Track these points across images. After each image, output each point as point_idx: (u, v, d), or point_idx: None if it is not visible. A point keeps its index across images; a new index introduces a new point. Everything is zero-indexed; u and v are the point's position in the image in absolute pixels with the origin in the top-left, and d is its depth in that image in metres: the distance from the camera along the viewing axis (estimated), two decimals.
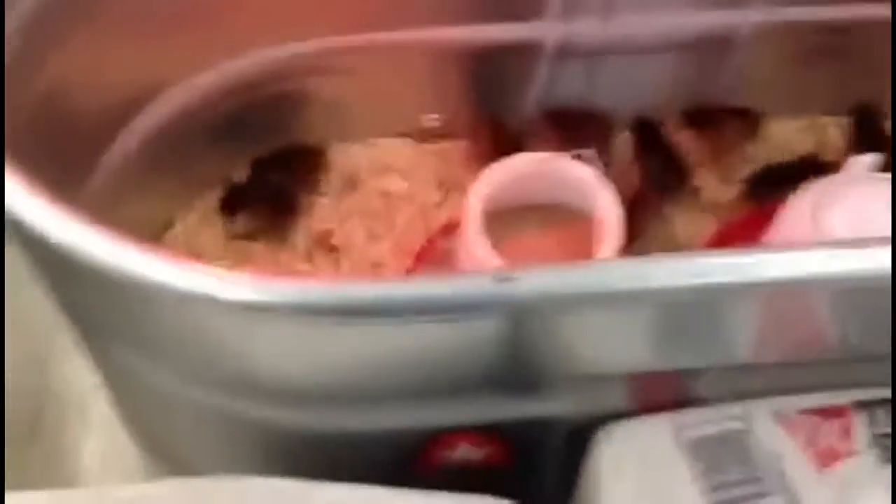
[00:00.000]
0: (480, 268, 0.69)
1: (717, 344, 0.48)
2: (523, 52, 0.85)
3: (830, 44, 0.87)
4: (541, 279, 0.41)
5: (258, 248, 0.87)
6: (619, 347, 0.48)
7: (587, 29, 0.83)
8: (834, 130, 0.95)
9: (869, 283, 0.44)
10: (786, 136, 0.94)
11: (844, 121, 0.94)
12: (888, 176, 0.68)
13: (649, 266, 0.43)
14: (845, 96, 0.93)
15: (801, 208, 0.70)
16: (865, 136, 0.90)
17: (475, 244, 0.69)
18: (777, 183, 0.83)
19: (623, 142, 0.89)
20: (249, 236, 0.87)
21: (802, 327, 0.48)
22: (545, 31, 0.83)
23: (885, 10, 0.83)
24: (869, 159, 0.68)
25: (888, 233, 0.66)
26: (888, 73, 0.87)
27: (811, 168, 0.85)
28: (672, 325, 0.45)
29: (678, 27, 0.84)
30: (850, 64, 0.89)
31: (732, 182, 0.90)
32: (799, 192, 0.72)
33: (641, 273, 0.42)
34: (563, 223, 0.75)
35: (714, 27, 0.84)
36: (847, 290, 0.45)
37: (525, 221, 0.76)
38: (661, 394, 0.53)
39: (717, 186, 0.90)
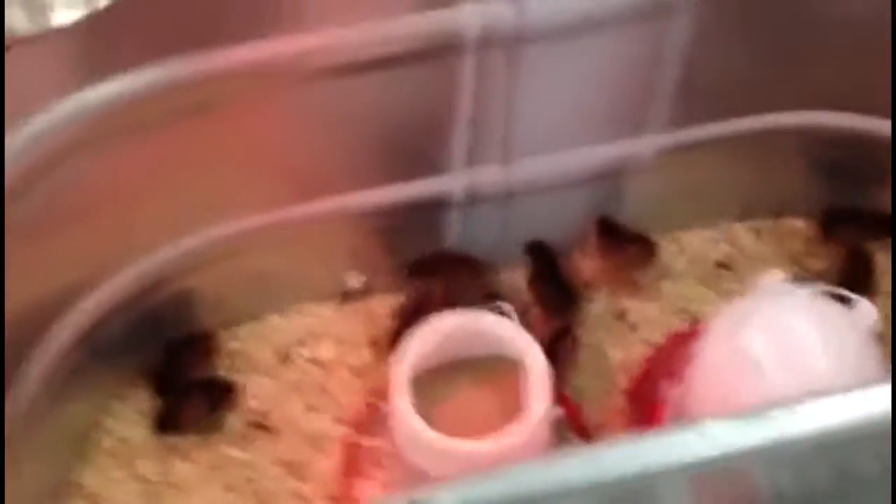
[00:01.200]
0: (411, 436, 0.68)
1: None
2: (434, 205, 0.86)
3: (734, 154, 0.89)
4: (457, 496, 0.40)
5: (191, 439, 0.85)
6: None
7: (490, 177, 0.84)
8: (746, 235, 0.97)
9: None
10: (701, 245, 0.96)
11: (755, 225, 0.96)
12: (804, 289, 0.69)
13: (560, 466, 0.42)
14: (753, 201, 0.96)
15: (720, 330, 0.70)
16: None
17: (404, 414, 0.68)
18: None
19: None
20: (181, 430, 0.84)
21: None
22: (452, 183, 0.84)
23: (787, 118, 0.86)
24: (777, 275, 0.69)
25: (810, 344, 0.67)
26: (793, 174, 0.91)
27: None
28: None
29: (578, 163, 0.86)
30: (754, 171, 0.92)
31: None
32: (720, 312, 0.72)
33: (552, 474, 0.41)
34: (493, 374, 0.75)
35: (613, 158, 0.87)
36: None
37: (457, 375, 0.75)
38: None
39: (641, 307, 0.91)
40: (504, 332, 0.72)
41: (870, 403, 0.42)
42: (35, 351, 0.75)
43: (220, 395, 0.83)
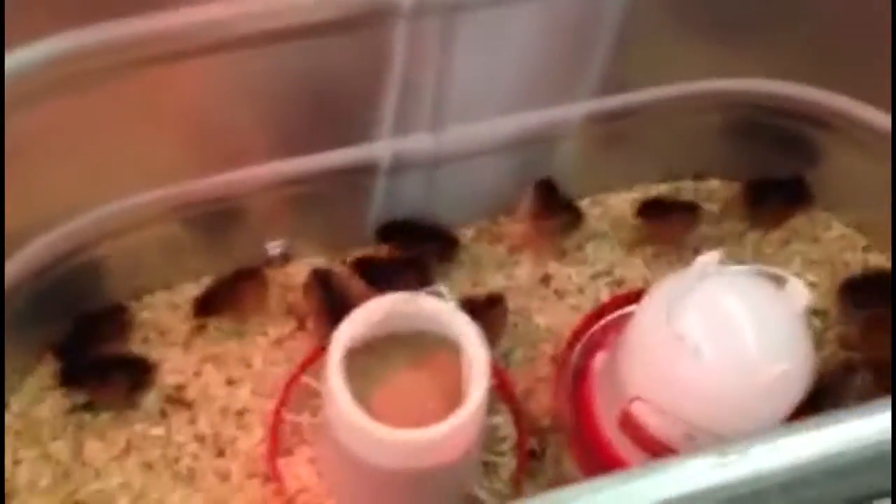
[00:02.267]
0: (346, 421, 0.66)
1: None
2: (361, 173, 0.83)
3: (659, 119, 0.89)
4: None
5: (103, 416, 0.81)
6: None
7: (419, 144, 0.82)
8: (667, 197, 0.97)
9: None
10: (624, 208, 0.96)
11: (676, 185, 0.97)
12: (736, 268, 0.70)
13: None
14: (674, 164, 0.96)
15: (654, 307, 0.70)
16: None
17: (339, 398, 0.66)
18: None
19: None
20: (92, 407, 0.80)
21: None
22: (380, 150, 0.81)
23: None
24: (715, 255, 0.70)
25: (742, 325, 0.68)
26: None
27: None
28: None
29: (507, 130, 0.84)
30: (676, 135, 0.92)
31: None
32: (651, 290, 0.73)
33: None
34: (429, 352, 0.74)
35: (542, 124, 0.85)
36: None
37: (393, 350, 0.74)
38: None
39: (566, 272, 0.91)
40: (442, 314, 0.70)
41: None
42: None
43: (139, 374, 0.79)
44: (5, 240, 0.72)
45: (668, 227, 0.91)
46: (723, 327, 0.68)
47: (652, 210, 0.91)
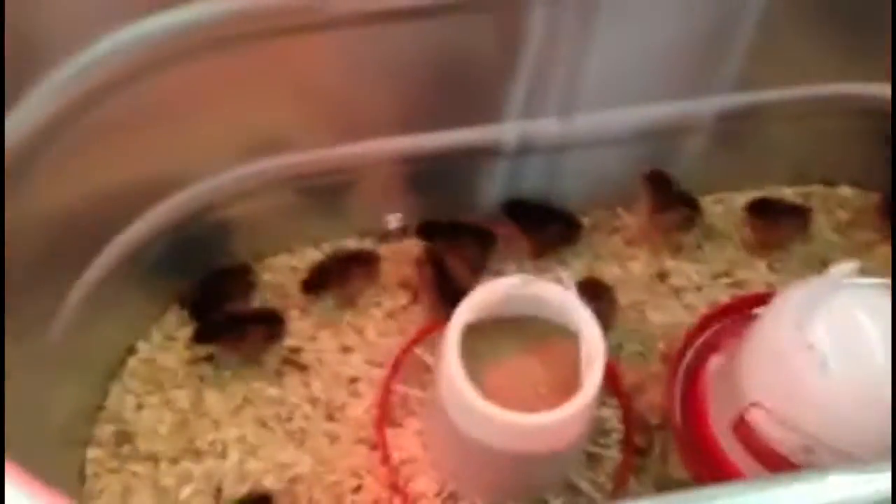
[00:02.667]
0: (459, 399, 0.67)
1: None
2: (485, 154, 0.83)
3: (793, 119, 0.87)
4: None
5: (224, 372, 0.84)
6: None
7: (546, 128, 0.82)
8: (795, 201, 0.95)
9: None
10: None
11: (804, 190, 0.95)
12: (870, 282, 0.68)
13: None
14: (805, 168, 0.94)
15: (784, 314, 0.69)
16: None
17: (454, 376, 0.67)
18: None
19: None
20: (213, 360, 0.83)
21: None
22: (505, 132, 0.81)
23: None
24: (850, 266, 0.68)
25: (873, 340, 0.66)
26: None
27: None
28: None
29: (637, 120, 0.83)
30: (810, 138, 0.89)
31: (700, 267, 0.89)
32: (781, 295, 0.71)
33: None
34: (544, 337, 0.74)
35: (673, 117, 0.84)
36: None
37: (508, 333, 0.74)
38: None
39: (683, 269, 0.90)
40: (561, 301, 0.70)
41: None
42: (77, 275, 0.73)
43: (274, 326, 0.81)
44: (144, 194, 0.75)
45: (775, 229, 0.87)
46: (853, 341, 0.66)
47: (761, 211, 0.88)
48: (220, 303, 0.83)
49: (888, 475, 0.40)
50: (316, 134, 0.78)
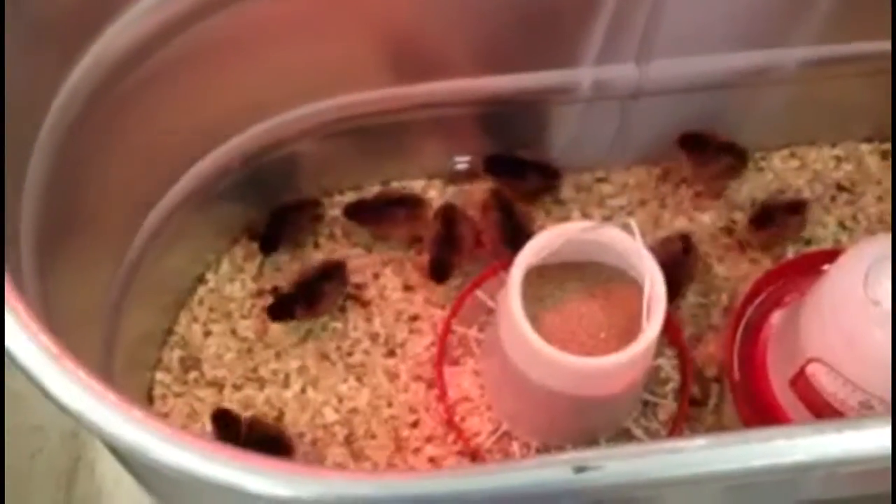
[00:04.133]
0: (518, 340, 0.68)
1: (793, 490, 0.47)
2: (559, 97, 0.83)
3: (874, 74, 0.84)
4: (619, 468, 0.40)
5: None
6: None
7: (622, 73, 0.81)
8: (871, 157, 0.93)
9: None
10: (824, 164, 0.92)
11: (882, 147, 0.92)
12: None
13: (725, 449, 0.41)
14: (884, 124, 0.91)
15: (851, 270, 0.68)
16: None
17: (516, 317, 0.68)
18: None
19: None
20: (278, 293, 0.85)
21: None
22: (581, 76, 0.81)
23: None
24: None
25: None
26: None
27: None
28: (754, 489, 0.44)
29: (716, 69, 0.81)
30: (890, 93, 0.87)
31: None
32: (850, 251, 0.70)
33: (718, 456, 0.41)
34: (605, 283, 0.74)
35: (754, 67, 0.82)
36: None
37: (570, 277, 0.74)
38: None
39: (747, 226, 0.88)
40: (626, 247, 0.70)
41: None
42: (151, 206, 0.75)
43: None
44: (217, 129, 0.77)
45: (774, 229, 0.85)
46: None
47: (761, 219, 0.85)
48: (287, 235, 0.85)
49: None
50: (386, 72, 0.79)
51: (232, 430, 0.76)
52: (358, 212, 0.85)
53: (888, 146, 0.92)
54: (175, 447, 0.42)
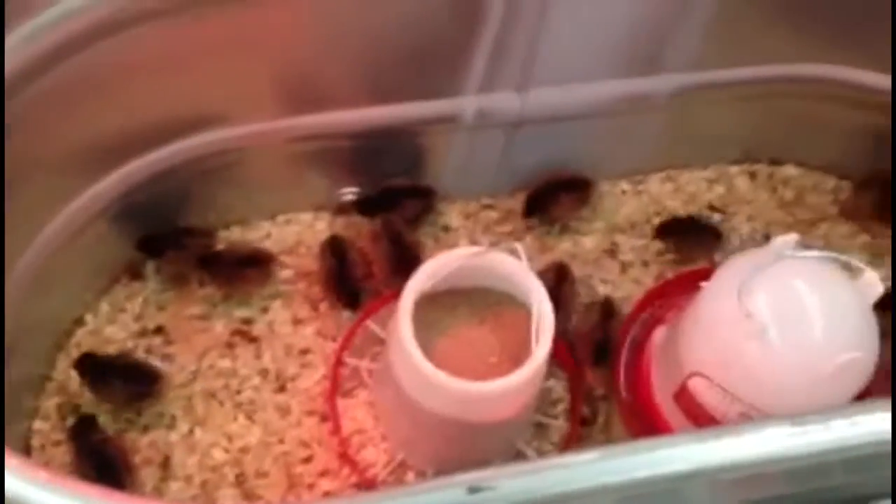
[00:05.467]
0: (410, 368, 0.68)
1: (681, 499, 0.48)
2: (442, 127, 0.84)
3: (743, 99, 0.89)
4: (513, 486, 0.40)
5: (173, 345, 0.83)
6: None
7: (504, 102, 0.82)
8: (740, 179, 0.97)
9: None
10: (696, 186, 0.96)
11: (751, 168, 0.97)
12: (811, 254, 0.70)
13: (614, 460, 0.42)
14: (752, 146, 0.95)
15: (725, 284, 0.70)
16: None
17: (406, 345, 0.68)
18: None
19: None
20: (162, 332, 0.82)
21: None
22: (464, 105, 0.82)
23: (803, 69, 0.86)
24: (791, 238, 0.69)
25: (812, 310, 0.68)
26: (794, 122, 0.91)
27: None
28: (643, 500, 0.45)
29: (595, 96, 0.84)
30: (759, 117, 0.91)
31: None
32: (724, 265, 0.73)
33: (614, 468, 0.41)
34: (495, 308, 0.75)
35: (630, 94, 0.85)
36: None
37: (459, 303, 0.75)
38: None
39: (633, 244, 0.91)
40: (513, 272, 0.71)
41: None
42: (27, 242, 0.73)
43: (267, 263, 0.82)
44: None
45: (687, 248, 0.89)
46: (792, 310, 0.68)
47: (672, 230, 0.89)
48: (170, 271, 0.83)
49: (820, 427, 0.41)
50: (271, 104, 0.78)
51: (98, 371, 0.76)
52: (211, 264, 0.83)
53: (756, 168, 0.97)
54: (55, 494, 0.40)
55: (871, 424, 0.43)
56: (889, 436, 0.43)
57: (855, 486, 0.54)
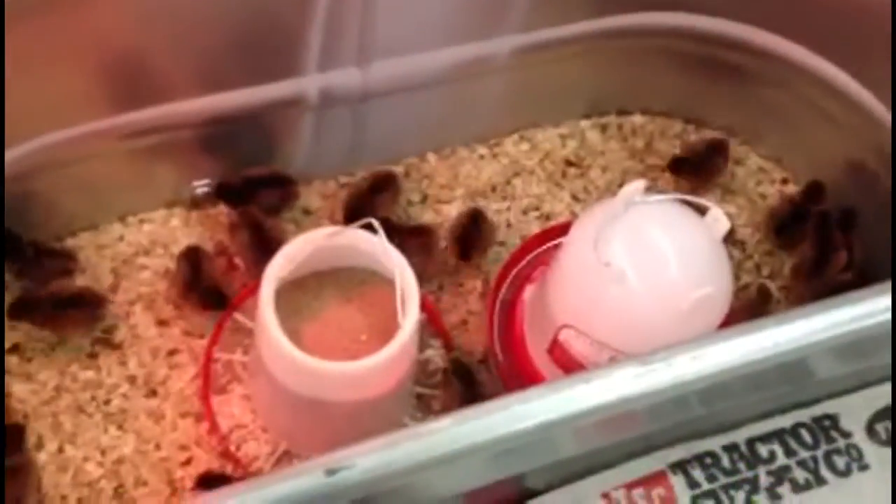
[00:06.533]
0: (278, 355, 0.66)
1: (548, 450, 0.49)
2: (287, 109, 0.82)
3: (584, 53, 0.90)
4: (371, 462, 0.40)
5: (31, 362, 0.80)
6: (455, 479, 0.47)
7: (347, 78, 0.81)
8: (592, 132, 0.99)
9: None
10: (551, 143, 0.97)
11: (601, 121, 0.98)
12: (659, 198, 0.72)
13: (478, 422, 0.42)
14: (599, 99, 0.97)
15: (582, 236, 0.72)
16: None
17: (271, 332, 0.67)
18: None
19: None
20: (19, 350, 0.79)
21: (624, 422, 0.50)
22: (305, 85, 0.80)
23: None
24: (639, 184, 0.71)
25: (665, 251, 0.70)
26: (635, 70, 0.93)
27: None
28: (509, 455, 0.45)
29: (434, 64, 0.84)
30: (600, 69, 0.93)
31: None
32: (579, 219, 0.74)
33: (469, 432, 0.42)
34: (360, 286, 0.75)
35: (469, 59, 0.85)
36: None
37: (324, 285, 0.74)
38: (496, 494, 0.54)
39: (495, 207, 0.92)
40: (373, 247, 0.71)
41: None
42: None
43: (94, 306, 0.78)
44: None
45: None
46: (647, 254, 0.70)
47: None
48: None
49: (666, 364, 0.42)
50: (105, 101, 0.75)
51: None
52: (28, 311, 0.78)
53: (606, 120, 0.99)
54: None
55: (715, 356, 0.45)
56: (733, 364, 0.45)
57: (717, 414, 0.56)
